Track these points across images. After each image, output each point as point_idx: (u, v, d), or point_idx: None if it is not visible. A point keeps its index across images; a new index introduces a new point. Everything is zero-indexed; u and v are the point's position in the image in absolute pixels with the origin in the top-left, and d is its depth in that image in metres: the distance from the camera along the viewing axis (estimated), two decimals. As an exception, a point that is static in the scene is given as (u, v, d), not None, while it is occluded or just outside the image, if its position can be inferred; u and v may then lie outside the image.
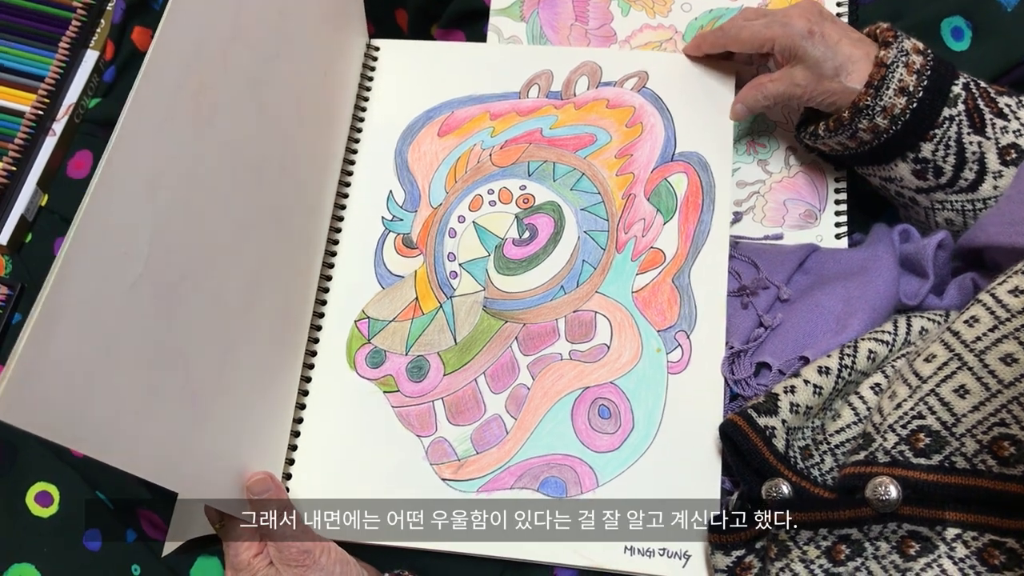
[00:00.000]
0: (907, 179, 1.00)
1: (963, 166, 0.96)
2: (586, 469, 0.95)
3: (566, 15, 1.18)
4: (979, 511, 0.74)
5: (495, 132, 1.10)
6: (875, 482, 0.77)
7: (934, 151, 0.96)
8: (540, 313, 1.02)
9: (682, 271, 1.01)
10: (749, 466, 0.87)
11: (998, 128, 0.96)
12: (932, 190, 0.99)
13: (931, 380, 0.79)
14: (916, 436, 0.78)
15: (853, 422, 0.86)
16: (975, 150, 0.96)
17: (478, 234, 1.06)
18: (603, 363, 0.99)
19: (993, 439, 0.74)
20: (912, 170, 0.99)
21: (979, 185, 0.97)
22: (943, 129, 0.95)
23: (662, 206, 1.05)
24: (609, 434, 0.96)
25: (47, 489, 1.08)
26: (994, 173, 0.96)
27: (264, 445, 0.94)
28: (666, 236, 1.03)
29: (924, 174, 0.98)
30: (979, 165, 0.96)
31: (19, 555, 1.06)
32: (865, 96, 0.96)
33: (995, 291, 0.78)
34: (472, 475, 0.96)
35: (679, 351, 0.98)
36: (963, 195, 0.98)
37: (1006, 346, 0.75)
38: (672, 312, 1.00)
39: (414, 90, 1.14)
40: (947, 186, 0.98)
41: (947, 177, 0.97)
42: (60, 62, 1.23)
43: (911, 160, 0.98)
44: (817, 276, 1.02)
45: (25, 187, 1.18)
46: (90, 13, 1.26)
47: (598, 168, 1.07)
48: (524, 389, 0.99)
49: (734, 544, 0.85)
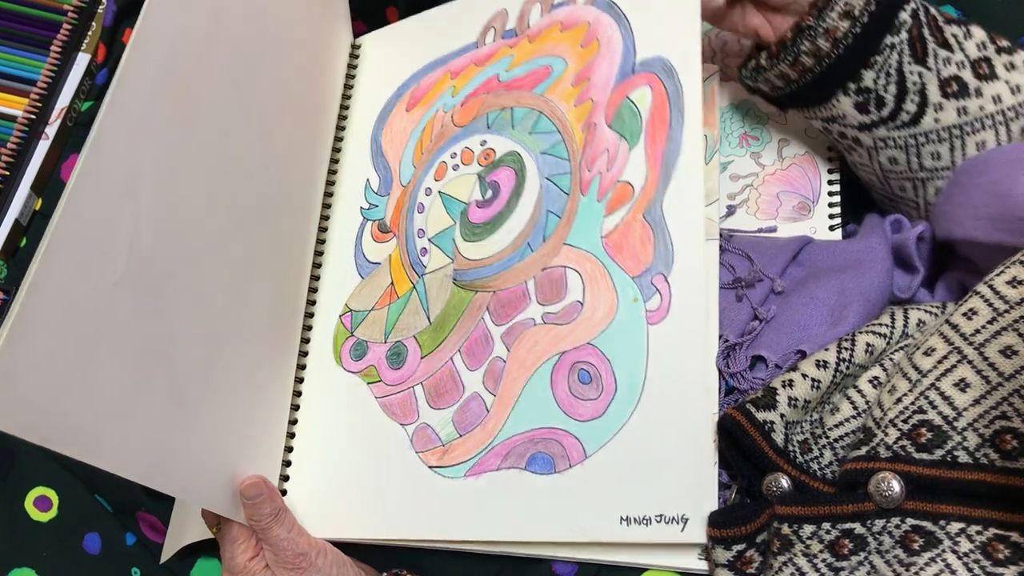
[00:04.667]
0: (850, 115, 0.98)
1: (904, 97, 0.95)
2: (572, 441, 0.90)
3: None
4: (982, 505, 0.75)
5: (456, 91, 1.08)
6: (877, 478, 0.78)
7: (875, 79, 0.95)
8: (508, 277, 0.97)
9: (653, 204, 0.94)
10: (748, 461, 0.87)
11: (940, 59, 0.94)
12: (875, 125, 0.98)
13: (931, 374, 0.79)
14: (917, 431, 0.78)
15: (852, 416, 0.86)
16: (916, 80, 0.94)
17: (444, 203, 1.03)
18: (578, 323, 0.93)
19: (995, 433, 0.74)
20: (854, 103, 0.97)
21: (920, 118, 0.96)
22: (884, 56, 0.94)
23: (626, 131, 0.97)
24: (592, 400, 0.90)
25: (46, 493, 1.08)
26: (935, 106, 0.95)
27: (258, 447, 0.94)
28: (633, 165, 0.96)
29: (866, 107, 0.97)
30: (920, 97, 0.95)
31: (19, 559, 1.07)
32: (808, 16, 0.95)
33: (993, 282, 0.78)
34: (458, 459, 0.93)
35: (657, 297, 0.91)
36: (905, 130, 0.97)
37: (1005, 338, 0.75)
38: (646, 253, 0.93)
39: (388, 73, 1.13)
40: (889, 119, 0.97)
41: (889, 109, 0.96)
42: (52, 66, 1.23)
43: (852, 92, 0.96)
44: (811, 268, 1.02)
45: (19, 191, 1.18)
46: (81, 16, 1.26)
47: (556, 103, 1.02)
48: (500, 362, 0.94)
49: (735, 538, 0.85)
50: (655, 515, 0.86)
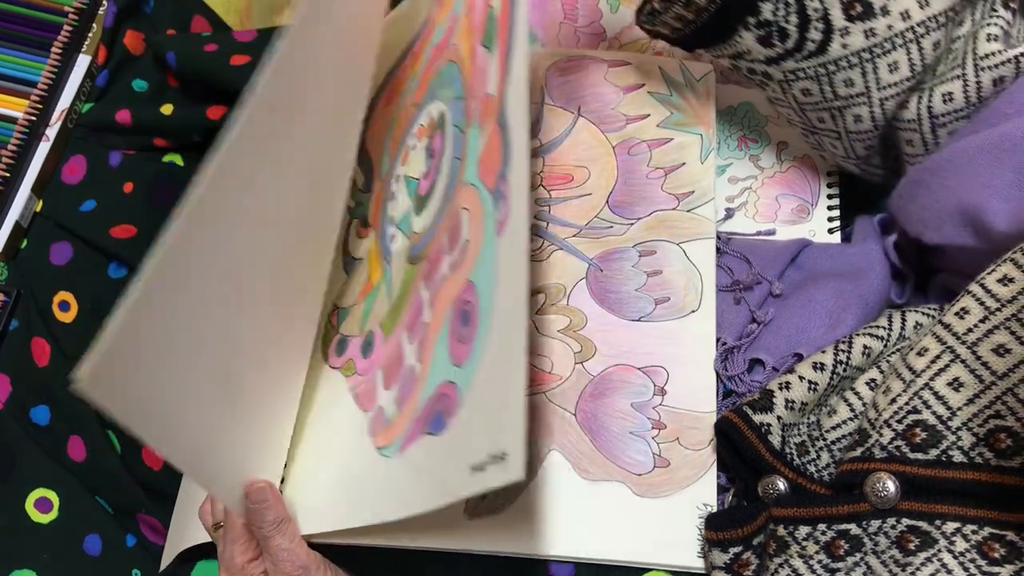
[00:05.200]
0: (755, 49, 0.94)
1: (807, 26, 0.90)
2: (452, 388, 0.79)
3: (555, 13, 1.18)
4: (978, 504, 0.75)
5: (414, 73, 1.08)
6: (873, 478, 0.78)
7: (774, 11, 0.90)
8: (434, 240, 0.93)
9: (502, 106, 0.85)
10: (745, 463, 0.87)
11: None
12: (782, 58, 0.94)
13: (924, 374, 0.79)
14: (912, 431, 0.78)
15: (849, 418, 0.86)
16: (817, 6, 0.89)
17: (406, 185, 1.02)
18: (465, 261, 0.84)
19: (989, 431, 0.74)
20: (757, 37, 0.93)
21: (827, 46, 0.91)
22: None
23: (488, 40, 0.92)
24: (467, 342, 0.79)
25: (46, 495, 1.09)
26: (840, 31, 0.90)
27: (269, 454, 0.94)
28: (492, 73, 0.89)
29: (770, 40, 0.92)
30: (824, 23, 0.90)
31: (19, 561, 1.07)
32: None
33: (984, 281, 0.78)
34: (394, 436, 0.87)
35: (503, 202, 0.81)
36: (813, 59, 0.92)
37: (998, 336, 0.75)
38: (495, 160, 0.84)
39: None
40: (795, 50, 0.92)
41: (793, 40, 0.92)
42: (52, 67, 1.23)
43: (753, 26, 0.92)
44: (810, 271, 1.02)
45: (19, 193, 1.18)
46: (82, 17, 1.26)
47: (457, 44, 0.99)
48: (424, 327, 0.89)
49: (731, 541, 0.85)
50: (488, 456, 0.71)
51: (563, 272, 1.02)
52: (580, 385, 0.97)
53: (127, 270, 1.18)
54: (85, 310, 1.16)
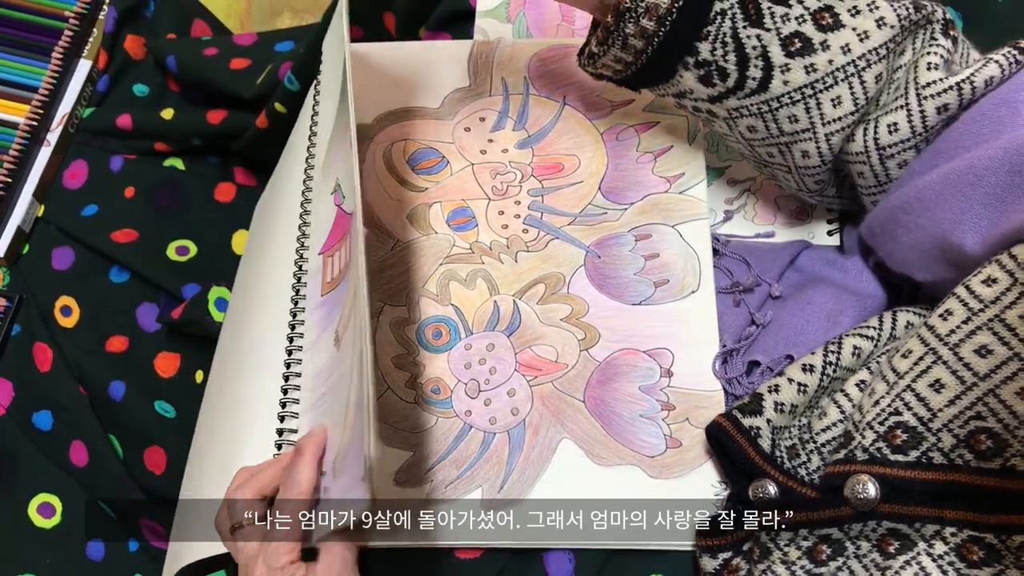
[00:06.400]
0: (696, 89, 0.93)
1: (746, 64, 0.89)
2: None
3: (552, 15, 1.18)
4: (957, 506, 0.74)
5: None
6: (853, 480, 0.77)
7: (712, 51, 0.89)
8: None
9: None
10: (736, 467, 0.87)
11: (778, 17, 0.88)
12: (724, 96, 0.93)
13: (907, 376, 0.78)
14: (893, 433, 0.77)
15: (839, 420, 0.86)
16: (755, 44, 0.88)
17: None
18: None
19: (970, 433, 0.74)
20: (697, 77, 0.92)
21: (768, 83, 0.90)
22: (716, 26, 0.88)
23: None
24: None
25: (49, 500, 1.09)
26: (781, 67, 0.89)
27: None
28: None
29: (710, 79, 0.91)
30: (764, 61, 0.89)
31: (22, 566, 1.08)
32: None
33: (969, 283, 0.78)
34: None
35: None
36: (755, 97, 0.91)
37: (980, 337, 0.75)
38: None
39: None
40: (736, 89, 0.91)
41: (733, 79, 0.91)
42: (53, 72, 1.23)
43: (693, 66, 0.91)
44: (808, 273, 1.02)
45: (21, 198, 1.18)
46: (82, 22, 1.26)
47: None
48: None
49: (720, 547, 0.84)
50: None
51: (561, 261, 1.03)
52: (587, 372, 0.98)
53: (128, 274, 1.18)
54: (87, 315, 1.16)
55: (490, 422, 0.96)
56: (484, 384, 0.98)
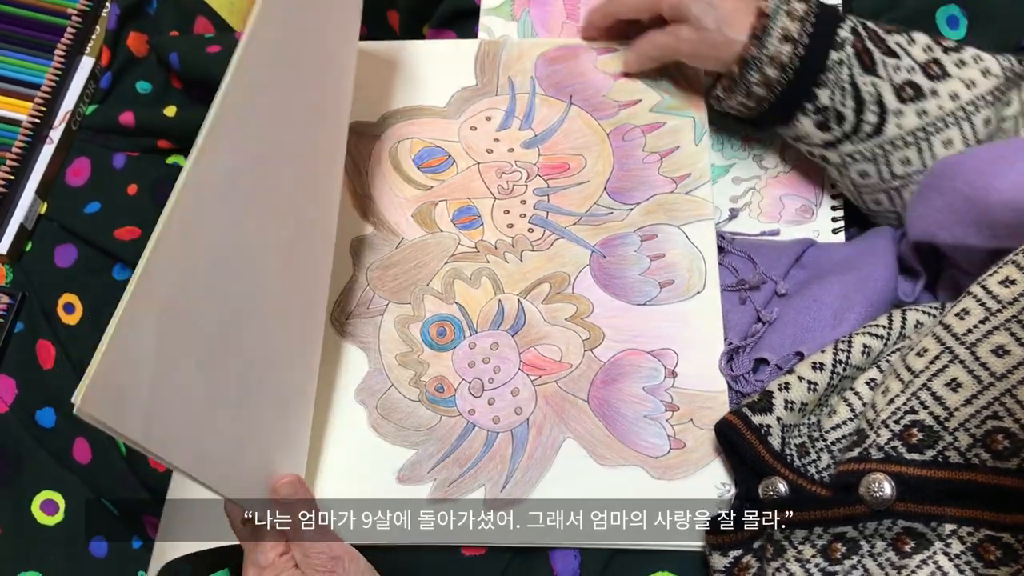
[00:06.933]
0: (813, 134, 1.00)
1: (863, 109, 0.96)
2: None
3: (557, 13, 1.18)
4: (974, 506, 0.74)
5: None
6: (869, 479, 0.77)
7: (831, 96, 0.96)
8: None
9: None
10: (745, 465, 0.87)
11: (890, 67, 0.95)
12: (839, 142, 0.99)
13: (923, 374, 0.78)
14: (909, 431, 0.78)
15: (849, 418, 0.86)
16: (871, 91, 0.95)
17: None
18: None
19: (986, 432, 0.74)
20: (815, 122, 0.98)
21: (883, 127, 0.96)
22: (835, 73, 0.95)
23: None
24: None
25: (52, 497, 1.09)
26: (894, 112, 0.95)
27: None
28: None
29: (827, 124, 0.98)
30: (878, 106, 0.95)
31: (26, 563, 1.07)
32: (750, 47, 0.96)
33: (985, 282, 0.78)
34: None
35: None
36: (870, 141, 0.97)
37: (997, 338, 0.75)
38: None
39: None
40: (852, 134, 0.98)
41: (850, 123, 0.97)
42: (56, 69, 1.23)
43: (811, 111, 0.98)
44: (814, 270, 1.02)
45: (24, 196, 1.18)
46: (85, 19, 1.26)
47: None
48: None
49: (731, 545, 0.84)
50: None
51: (566, 260, 1.03)
52: (591, 372, 0.98)
53: (131, 272, 1.17)
54: (90, 312, 1.16)
55: (493, 421, 0.96)
56: (488, 383, 0.98)
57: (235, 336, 0.79)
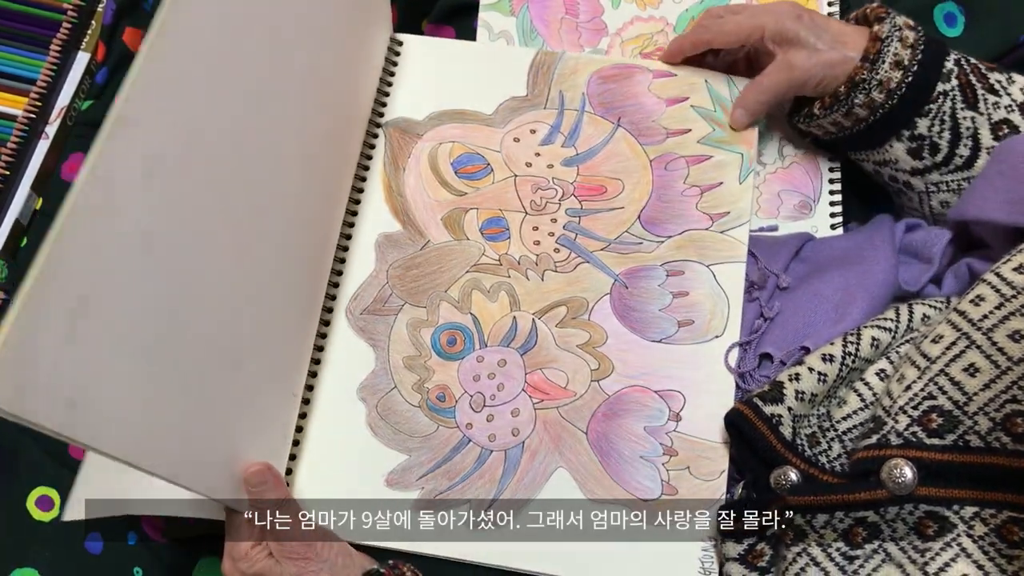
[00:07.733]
0: (903, 160, 1.00)
1: (958, 142, 0.96)
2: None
3: (556, 8, 1.18)
4: (996, 488, 0.75)
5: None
6: (890, 464, 0.78)
7: (930, 127, 0.96)
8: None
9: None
10: (755, 455, 0.87)
11: (990, 104, 0.96)
12: (928, 171, 0.99)
13: (940, 360, 0.79)
14: (928, 417, 0.78)
15: (860, 408, 0.87)
16: (969, 125, 0.96)
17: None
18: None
19: (1006, 416, 0.75)
20: (908, 149, 0.98)
21: (974, 162, 0.96)
22: (938, 104, 0.95)
23: None
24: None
25: (48, 493, 1.08)
26: (988, 149, 0.96)
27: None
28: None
29: (920, 153, 0.98)
30: (973, 141, 0.96)
31: (21, 559, 1.07)
32: (861, 70, 0.96)
33: (1000, 270, 0.79)
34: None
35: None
36: (959, 173, 0.98)
37: (1013, 323, 0.76)
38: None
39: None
40: (943, 164, 0.98)
41: (943, 155, 0.97)
42: (51, 65, 1.22)
43: (907, 138, 0.98)
44: (814, 264, 1.02)
45: (19, 191, 1.17)
46: (80, 15, 1.26)
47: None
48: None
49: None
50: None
51: (587, 286, 1.02)
52: (594, 403, 0.97)
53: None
54: (85, 308, 1.15)
55: (489, 439, 0.96)
56: (490, 399, 0.98)
57: (183, 324, 0.76)
